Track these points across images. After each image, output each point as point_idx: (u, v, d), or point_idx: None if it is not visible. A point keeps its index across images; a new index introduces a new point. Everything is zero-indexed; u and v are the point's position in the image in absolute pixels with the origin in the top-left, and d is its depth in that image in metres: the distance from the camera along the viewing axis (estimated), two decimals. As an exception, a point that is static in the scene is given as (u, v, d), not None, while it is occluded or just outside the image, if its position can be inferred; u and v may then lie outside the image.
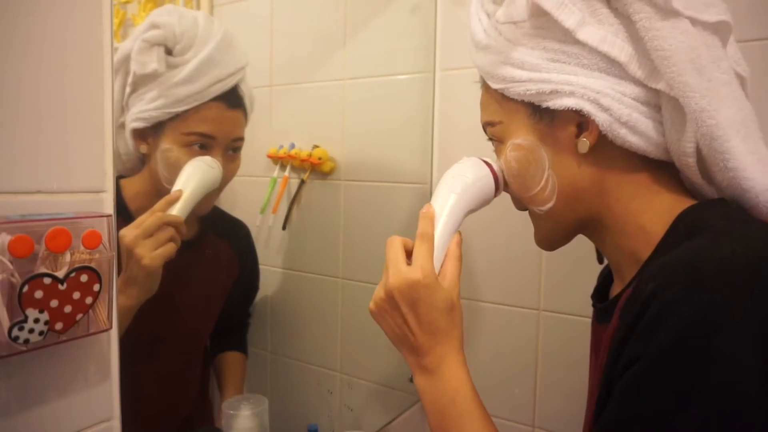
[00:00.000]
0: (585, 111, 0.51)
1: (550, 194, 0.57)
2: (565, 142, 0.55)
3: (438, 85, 1.10)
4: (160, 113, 0.81)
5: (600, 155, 0.54)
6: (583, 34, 0.51)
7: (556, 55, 0.53)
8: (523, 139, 0.57)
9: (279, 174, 1.20)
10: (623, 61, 0.51)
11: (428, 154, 1.12)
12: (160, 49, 0.81)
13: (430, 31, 1.09)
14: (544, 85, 0.53)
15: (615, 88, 0.51)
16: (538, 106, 0.55)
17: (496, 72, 0.57)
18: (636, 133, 0.52)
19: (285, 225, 1.21)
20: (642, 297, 0.42)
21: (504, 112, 0.59)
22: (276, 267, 1.24)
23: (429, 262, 0.56)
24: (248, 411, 0.85)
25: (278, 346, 1.26)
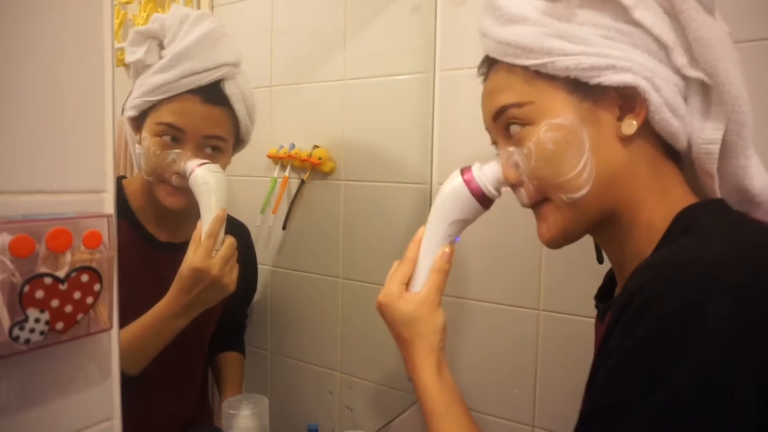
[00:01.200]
0: (641, 88, 0.51)
1: (585, 180, 0.54)
2: (608, 123, 0.54)
3: (438, 85, 1.10)
4: (141, 101, 0.82)
5: (637, 141, 0.54)
6: (639, 13, 0.52)
7: (609, 32, 0.53)
8: (564, 119, 0.54)
9: (279, 174, 1.21)
10: (670, 46, 0.52)
11: (428, 154, 1.12)
12: (153, 42, 0.82)
13: (430, 31, 1.09)
14: (600, 59, 0.52)
15: (662, 70, 0.53)
16: (584, 83, 0.53)
17: (538, 44, 0.54)
18: (677, 117, 0.53)
19: (285, 225, 1.21)
20: (627, 292, 0.43)
21: (535, 91, 0.55)
22: (276, 267, 1.24)
23: (394, 284, 0.65)
24: (248, 411, 0.85)
25: (278, 346, 1.26)
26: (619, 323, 0.43)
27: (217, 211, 0.79)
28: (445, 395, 0.60)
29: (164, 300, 0.77)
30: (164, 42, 0.82)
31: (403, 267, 0.66)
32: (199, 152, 0.84)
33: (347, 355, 1.19)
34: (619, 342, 0.43)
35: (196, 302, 0.78)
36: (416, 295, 0.63)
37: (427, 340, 0.62)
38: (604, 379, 0.44)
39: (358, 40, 1.15)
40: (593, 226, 0.58)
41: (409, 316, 0.62)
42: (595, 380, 0.45)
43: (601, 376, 0.44)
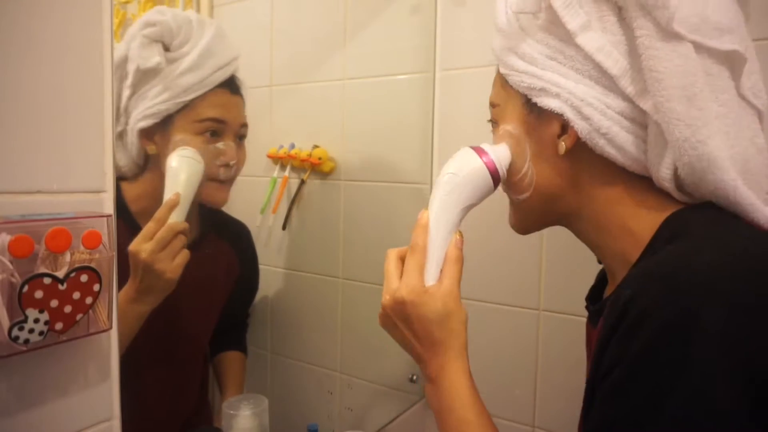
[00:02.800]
0: (565, 116, 0.52)
1: (527, 185, 0.59)
2: (548, 139, 0.56)
3: (438, 85, 1.10)
4: (168, 105, 0.82)
5: (579, 159, 0.55)
6: (582, 38, 0.50)
7: (554, 54, 0.53)
8: (513, 128, 0.59)
9: (279, 174, 1.20)
10: (615, 74, 0.50)
11: (428, 154, 1.12)
12: (158, 45, 0.82)
13: (430, 31, 1.09)
14: (536, 81, 0.54)
15: (601, 98, 0.51)
16: (529, 99, 0.56)
17: (502, 57, 0.58)
18: (614, 147, 0.52)
19: (285, 225, 1.21)
20: (620, 302, 0.43)
21: (505, 96, 0.60)
22: (276, 267, 1.24)
23: (415, 277, 0.57)
24: (248, 411, 0.85)
25: (278, 346, 1.26)
26: (615, 335, 0.43)
27: (174, 197, 0.77)
28: (478, 403, 0.55)
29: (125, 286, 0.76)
30: (172, 44, 0.83)
31: (418, 258, 0.59)
32: (236, 141, 0.89)
33: (347, 356, 1.19)
34: (617, 354, 0.42)
35: (143, 288, 0.74)
36: (440, 289, 0.57)
37: (460, 339, 0.57)
38: (606, 394, 0.43)
39: (358, 40, 1.15)
40: (552, 223, 0.62)
41: (442, 313, 0.56)
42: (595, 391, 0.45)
43: (603, 391, 0.44)
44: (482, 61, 1.03)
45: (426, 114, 1.11)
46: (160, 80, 0.82)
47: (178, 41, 0.83)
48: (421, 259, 0.58)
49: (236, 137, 0.89)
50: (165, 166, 0.83)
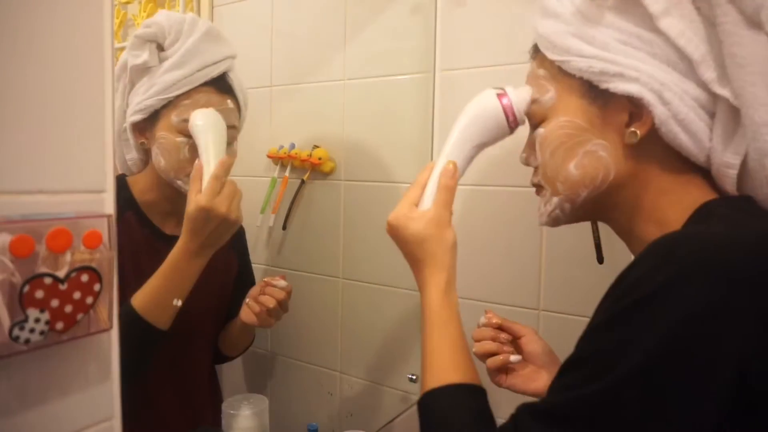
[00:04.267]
0: (645, 100, 0.51)
1: (581, 177, 0.57)
2: (614, 128, 0.55)
3: (438, 85, 1.10)
4: (154, 101, 0.84)
5: (643, 149, 0.54)
6: (665, 22, 0.50)
7: (629, 38, 0.52)
8: (571, 118, 0.57)
9: (279, 174, 1.21)
10: (696, 59, 0.50)
11: (428, 154, 1.12)
12: (152, 45, 0.84)
13: (430, 32, 1.09)
14: (611, 65, 0.52)
15: (679, 84, 0.51)
16: (596, 86, 0.54)
17: (560, 42, 0.56)
18: (687, 133, 0.51)
19: (285, 225, 1.21)
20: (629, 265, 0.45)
21: (556, 85, 0.58)
22: (276, 267, 1.24)
23: (404, 205, 0.64)
24: (248, 411, 0.85)
25: (278, 346, 1.26)
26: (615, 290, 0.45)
27: (220, 157, 0.81)
28: (445, 312, 0.61)
29: (178, 244, 0.79)
30: (165, 44, 0.85)
31: (413, 189, 0.65)
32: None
33: (347, 356, 1.19)
34: (609, 304, 0.45)
35: (210, 241, 0.79)
36: (426, 214, 0.63)
37: (438, 259, 0.62)
38: (583, 335, 0.46)
39: (358, 40, 1.15)
40: (593, 217, 0.62)
41: (420, 235, 0.62)
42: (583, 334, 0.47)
43: (586, 330, 0.46)
44: (482, 61, 1.04)
45: (426, 114, 1.11)
46: (149, 77, 0.85)
47: (170, 41, 0.84)
48: (416, 190, 0.65)
49: None
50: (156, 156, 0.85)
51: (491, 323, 0.74)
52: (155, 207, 0.91)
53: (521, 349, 0.74)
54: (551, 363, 0.71)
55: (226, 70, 0.89)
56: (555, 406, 0.44)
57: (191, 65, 0.84)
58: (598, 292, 0.47)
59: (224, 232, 0.80)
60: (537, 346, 0.73)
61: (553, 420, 0.44)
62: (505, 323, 0.74)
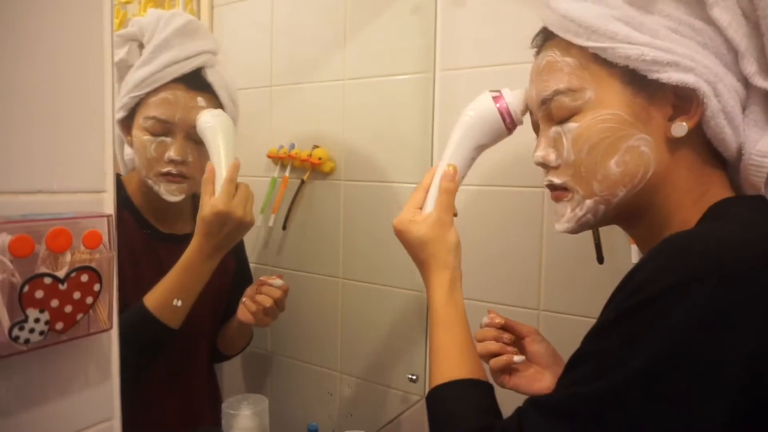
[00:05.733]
0: (701, 91, 0.49)
1: (622, 175, 0.53)
2: (657, 122, 0.52)
3: (438, 85, 1.10)
4: (127, 99, 0.84)
5: (683, 144, 0.52)
6: (716, 11, 0.49)
7: (680, 27, 0.50)
8: (614, 111, 0.52)
9: (279, 174, 1.21)
10: (741, 52, 0.49)
11: (428, 154, 1.12)
12: (133, 44, 0.84)
13: (430, 31, 1.09)
14: (664, 54, 0.49)
15: (726, 76, 0.50)
16: (642, 76, 0.51)
17: (602, 26, 0.51)
18: (732, 126, 0.51)
19: (285, 225, 1.21)
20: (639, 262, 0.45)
21: (589, 76, 0.53)
22: (276, 267, 1.24)
23: (408, 210, 0.66)
24: (248, 411, 0.85)
25: (278, 346, 1.26)
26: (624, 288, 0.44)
27: (232, 159, 0.82)
28: (451, 311, 0.62)
29: (192, 246, 0.80)
30: (144, 41, 0.84)
31: (417, 193, 0.68)
32: (189, 139, 0.86)
33: (347, 355, 1.19)
34: (618, 302, 0.44)
35: (224, 243, 0.81)
36: (428, 217, 0.65)
37: (440, 259, 0.63)
38: (596, 329, 0.45)
39: (358, 40, 1.15)
40: (620, 219, 0.59)
41: (422, 238, 0.64)
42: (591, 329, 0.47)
43: (595, 326, 0.45)
44: (482, 61, 1.04)
45: (426, 114, 1.11)
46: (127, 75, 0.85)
47: (146, 38, 0.84)
48: (420, 193, 0.67)
49: (188, 135, 0.86)
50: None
51: (494, 323, 0.74)
52: (150, 206, 0.90)
53: (525, 350, 0.73)
54: (555, 363, 0.71)
55: (201, 65, 0.87)
56: (560, 401, 0.44)
57: (158, 62, 0.82)
58: (598, 292, 0.48)
59: (238, 234, 0.82)
60: (540, 347, 0.72)
61: (557, 415, 0.44)
62: (508, 323, 0.74)
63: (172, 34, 0.83)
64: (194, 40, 0.86)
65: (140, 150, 0.85)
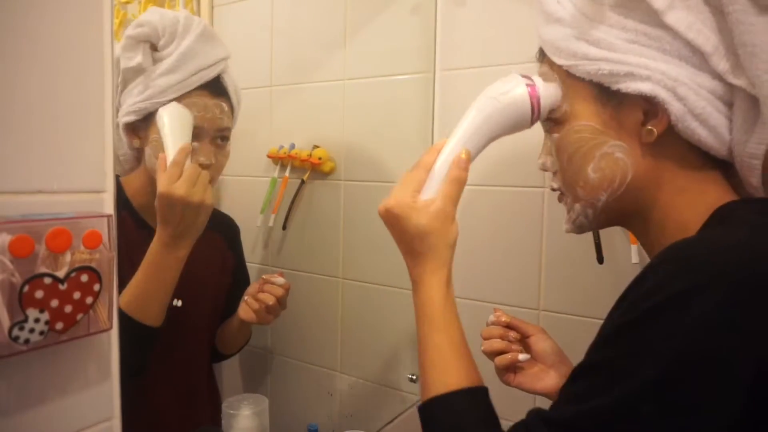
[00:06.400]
0: (659, 98, 0.50)
1: (600, 181, 0.55)
2: (629, 129, 0.54)
3: (438, 85, 1.10)
4: (148, 104, 0.84)
5: (661, 147, 0.53)
6: (671, 17, 0.49)
7: (636, 36, 0.51)
8: (586, 122, 0.55)
9: (279, 174, 1.21)
10: (707, 51, 0.49)
11: (428, 154, 1.12)
12: (145, 45, 0.84)
13: (430, 31, 1.09)
14: (620, 66, 0.51)
15: (693, 78, 0.50)
16: (607, 88, 0.53)
17: (566, 47, 0.55)
18: (706, 127, 0.50)
19: (285, 225, 1.21)
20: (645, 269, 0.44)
21: (567, 91, 0.57)
22: (276, 267, 1.24)
23: (406, 191, 0.59)
24: (248, 411, 0.85)
25: (278, 346, 1.26)
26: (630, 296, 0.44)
27: (180, 143, 0.80)
28: (447, 313, 0.58)
29: (154, 239, 0.78)
30: (159, 44, 0.84)
31: (417, 174, 0.60)
32: (213, 143, 0.88)
33: (347, 356, 1.19)
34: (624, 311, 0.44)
35: (181, 230, 0.77)
36: (431, 206, 0.58)
37: (440, 255, 0.59)
38: (602, 339, 0.45)
39: (358, 40, 1.15)
40: (615, 221, 0.60)
41: (423, 228, 0.58)
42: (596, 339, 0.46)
43: (600, 335, 0.45)
44: (482, 61, 1.04)
45: (426, 114, 1.11)
46: (143, 79, 0.84)
47: (164, 41, 0.84)
48: (420, 174, 0.60)
49: (214, 140, 0.88)
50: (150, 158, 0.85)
51: (500, 321, 0.74)
52: (150, 207, 0.90)
53: (530, 348, 0.73)
54: (560, 362, 0.71)
55: (221, 72, 0.89)
56: (571, 417, 0.43)
57: (186, 69, 0.84)
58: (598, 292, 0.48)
59: (193, 217, 0.78)
60: (546, 345, 0.72)
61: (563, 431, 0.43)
62: (513, 322, 0.74)
63: (195, 42, 0.84)
64: (214, 47, 0.88)
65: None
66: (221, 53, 0.89)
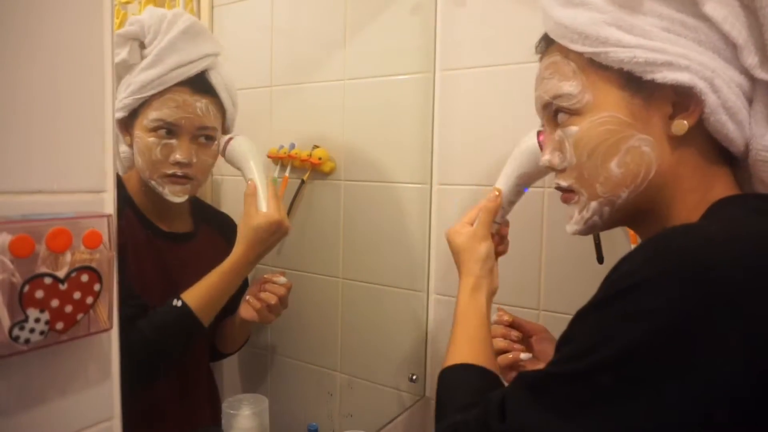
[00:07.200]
0: (697, 89, 0.49)
1: (624, 176, 0.53)
2: (657, 121, 0.52)
3: (438, 85, 1.10)
4: (131, 100, 0.84)
5: (686, 141, 0.52)
6: (709, 7, 0.48)
7: (672, 25, 0.50)
8: (612, 113, 0.53)
9: (279, 174, 1.21)
10: (740, 45, 0.48)
11: (428, 154, 1.12)
12: (134, 42, 0.84)
13: (430, 31, 1.09)
14: (657, 54, 0.49)
15: (725, 71, 0.49)
16: (638, 77, 0.51)
17: (594, 32, 0.52)
18: (735, 122, 0.50)
19: (285, 225, 1.21)
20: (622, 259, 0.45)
21: (587, 80, 0.54)
22: (276, 267, 1.24)
23: (460, 223, 0.77)
24: (248, 411, 0.85)
25: (278, 346, 1.26)
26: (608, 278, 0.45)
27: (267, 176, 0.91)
28: (469, 310, 0.69)
29: (237, 252, 0.86)
30: (146, 41, 0.85)
31: (471, 211, 0.78)
32: (194, 142, 0.88)
33: (347, 356, 1.19)
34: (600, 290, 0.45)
35: (267, 250, 0.89)
36: (467, 231, 0.75)
37: (467, 267, 0.73)
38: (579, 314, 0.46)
39: (358, 40, 1.15)
40: (627, 221, 0.59)
41: (459, 247, 0.75)
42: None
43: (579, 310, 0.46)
44: (482, 61, 1.04)
45: (426, 114, 1.11)
46: (130, 76, 0.85)
47: (149, 38, 0.84)
48: (473, 212, 0.78)
49: (195, 138, 0.88)
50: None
51: (503, 321, 0.79)
52: (150, 204, 0.91)
53: (532, 348, 0.77)
54: None
55: (206, 68, 0.87)
56: (541, 378, 0.46)
57: (165, 64, 0.83)
58: (597, 293, 0.47)
59: (277, 242, 0.90)
60: (548, 345, 0.75)
61: (536, 390, 0.46)
62: (516, 321, 0.78)
63: (177, 37, 0.83)
64: (199, 43, 0.86)
65: (144, 151, 0.85)
66: (207, 49, 0.87)
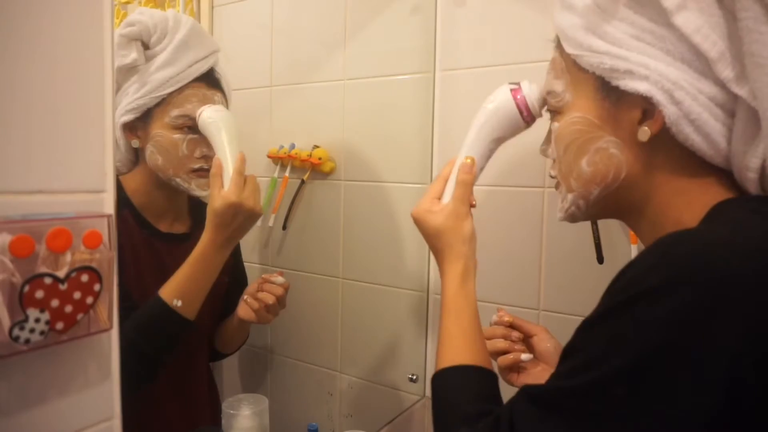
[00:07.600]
0: (654, 99, 0.49)
1: (593, 175, 0.56)
2: (626, 125, 0.53)
3: (438, 85, 1.10)
4: (146, 100, 0.85)
5: (658, 147, 0.52)
6: (680, 18, 0.48)
7: (642, 34, 0.50)
8: (584, 114, 0.56)
9: (279, 174, 1.21)
10: (712, 57, 0.47)
11: (428, 154, 1.12)
12: (137, 43, 0.85)
13: (430, 32, 1.09)
14: (620, 62, 0.51)
15: (693, 83, 0.49)
16: (608, 82, 0.53)
17: (574, 36, 0.55)
18: (701, 134, 0.50)
19: (285, 225, 1.21)
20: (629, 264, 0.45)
21: (570, 81, 0.57)
22: (276, 267, 1.24)
23: (426, 199, 0.69)
24: (248, 411, 0.85)
25: (278, 346, 1.26)
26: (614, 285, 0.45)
27: (237, 152, 0.83)
28: (460, 300, 0.64)
29: (204, 239, 0.81)
30: (151, 42, 0.85)
31: (435, 184, 0.70)
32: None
33: (347, 356, 1.19)
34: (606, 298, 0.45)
35: (235, 234, 0.83)
36: (445, 208, 0.67)
37: (455, 250, 0.66)
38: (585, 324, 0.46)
39: (358, 40, 1.15)
40: (609, 215, 0.61)
41: (438, 228, 0.66)
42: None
43: (584, 320, 0.46)
44: (482, 61, 1.04)
45: (426, 114, 1.11)
46: (139, 77, 0.85)
47: (156, 38, 0.85)
48: (439, 183, 0.70)
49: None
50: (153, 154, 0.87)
51: (503, 321, 0.76)
52: (149, 205, 0.91)
53: (533, 348, 0.75)
54: None
55: (214, 64, 0.91)
56: (550, 393, 0.46)
57: (182, 62, 0.85)
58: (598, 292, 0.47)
59: (248, 224, 0.84)
60: (548, 345, 0.73)
61: (546, 406, 0.45)
62: (516, 321, 0.76)
63: (188, 35, 0.85)
64: (205, 40, 0.89)
65: (170, 149, 0.86)
66: (213, 46, 0.90)
